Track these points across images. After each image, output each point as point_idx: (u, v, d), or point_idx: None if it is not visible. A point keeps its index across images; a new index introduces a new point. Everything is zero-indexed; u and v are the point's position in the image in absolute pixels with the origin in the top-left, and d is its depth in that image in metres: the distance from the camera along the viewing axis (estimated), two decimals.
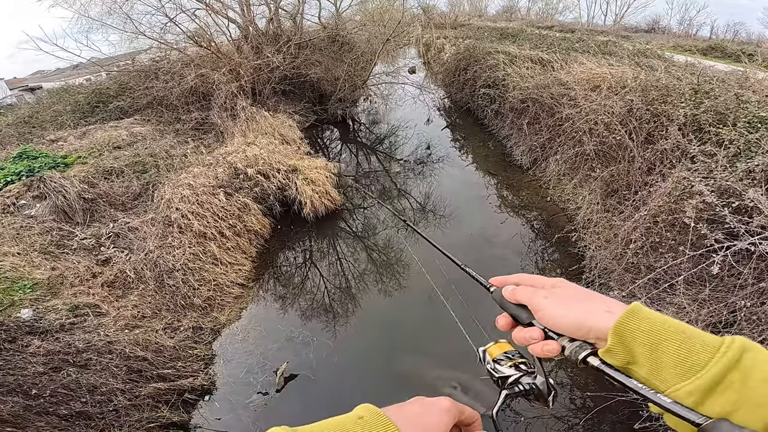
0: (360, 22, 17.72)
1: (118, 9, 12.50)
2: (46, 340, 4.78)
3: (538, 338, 0.69)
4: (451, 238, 7.82)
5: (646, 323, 0.58)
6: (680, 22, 42.36)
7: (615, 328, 0.59)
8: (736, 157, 5.00)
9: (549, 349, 0.67)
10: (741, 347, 0.52)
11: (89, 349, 4.77)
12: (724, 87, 6.15)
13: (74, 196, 7.28)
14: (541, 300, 0.70)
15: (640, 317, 0.59)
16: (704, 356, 0.53)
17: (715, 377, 0.51)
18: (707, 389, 0.51)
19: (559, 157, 8.66)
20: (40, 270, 5.91)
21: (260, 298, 6.67)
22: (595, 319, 0.63)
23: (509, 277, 0.81)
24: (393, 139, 13.87)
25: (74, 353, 4.69)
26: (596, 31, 30.55)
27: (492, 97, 12.32)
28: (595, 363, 0.61)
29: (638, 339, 0.58)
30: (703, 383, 0.51)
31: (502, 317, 0.77)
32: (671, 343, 0.55)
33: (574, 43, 14.26)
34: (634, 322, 0.59)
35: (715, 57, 17.87)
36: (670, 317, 0.59)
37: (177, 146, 10.02)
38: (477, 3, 58.72)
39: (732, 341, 0.53)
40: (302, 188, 8.34)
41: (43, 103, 14.35)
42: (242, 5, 14.90)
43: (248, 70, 12.93)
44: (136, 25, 12.57)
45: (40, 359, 4.50)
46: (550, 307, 0.68)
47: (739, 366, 0.51)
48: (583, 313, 0.65)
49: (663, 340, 0.56)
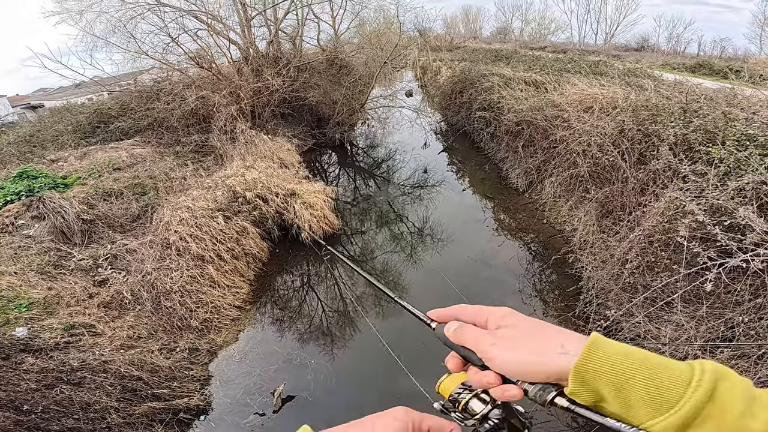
0: (358, 45, 18.04)
1: (122, 27, 12.79)
2: (40, 358, 4.79)
3: (496, 383, 0.63)
4: (448, 261, 7.85)
5: (607, 361, 0.53)
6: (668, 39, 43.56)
7: (575, 372, 0.55)
8: (727, 176, 5.07)
9: (510, 395, 0.62)
10: (713, 378, 0.49)
11: (83, 368, 4.77)
12: (712, 105, 6.25)
13: (73, 217, 7.31)
14: (488, 348, 0.64)
15: (600, 356, 0.54)
16: (675, 392, 0.49)
17: (690, 413, 0.48)
18: (683, 425, 0.48)
19: (554, 179, 8.74)
20: (37, 290, 5.93)
21: (258, 321, 6.67)
22: (550, 362, 0.58)
23: (448, 311, 0.75)
24: (390, 163, 14.00)
25: (68, 371, 4.69)
26: (588, 50, 31.27)
27: (487, 120, 12.46)
28: (563, 404, 0.57)
29: (602, 379, 0.53)
30: (677, 420, 0.48)
31: (451, 358, 0.71)
32: (637, 381, 0.51)
33: (566, 63, 14.56)
34: (594, 363, 0.54)
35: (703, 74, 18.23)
36: (632, 347, 0.55)
37: (176, 169, 10.10)
38: (472, 25, 60.15)
39: (702, 372, 0.50)
40: (300, 212, 8.39)
41: (45, 122, 14.45)
42: (243, 27, 15.17)
43: (248, 93, 13.09)
44: (139, 45, 12.84)
45: (33, 376, 4.50)
46: (501, 355, 0.62)
47: (715, 399, 0.48)
48: (536, 357, 0.59)
49: (628, 378, 0.52)
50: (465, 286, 6.92)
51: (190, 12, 13.66)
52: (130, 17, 12.94)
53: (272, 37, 15.76)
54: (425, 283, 7.31)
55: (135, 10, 13.05)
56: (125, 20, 12.80)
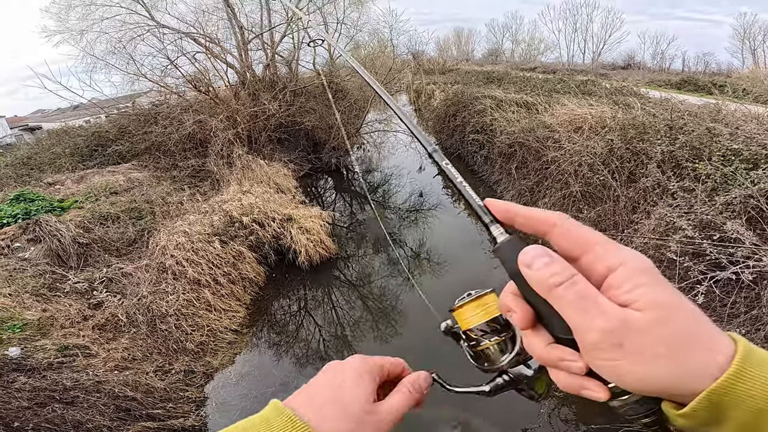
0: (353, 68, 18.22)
1: (122, 48, 13.17)
2: (32, 377, 4.80)
3: (579, 372, 0.44)
4: (445, 284, 7.87)
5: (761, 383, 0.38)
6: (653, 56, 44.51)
7: (711, 394, 0.38)
8: (715, 191, 5.17)
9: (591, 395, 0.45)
10: None
11: (77, 387, 4.78)
12: (697, 121, 6.40)
13: (69, 241, 7.35)
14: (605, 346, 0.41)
15: (753, 376, 0.38)
16: None
17: None
18: None
19: (548, 200, 8.82)
20: (31, 311, 5.95)
21: (254, 344, 6.66)
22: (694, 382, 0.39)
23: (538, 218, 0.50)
24: (386, 187, 14.08)
25: (61, 390, 4.69)
26: (576, 70, 31.90)
27: (481, 143, 12.58)
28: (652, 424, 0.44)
29: (743, 404, 0.38)
30: None
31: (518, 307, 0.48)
32: None
33: (555, 84, 14.82)
34: (744, 384, 0.38)
35: (687, 90, 18.60)
36: None
37: (173, 193, 10.17)
38: (464, 47, 61.31)
39: None
40: (297, 237, 8.43)
41: (43, 144, 14.53)
42: (240, 50, 15.45)
43: (245, 117, 13.19)
44: (138, 67, 13.13)
45: (25, 394, 4.50)
46: (623, 365, 0.40)
47: None
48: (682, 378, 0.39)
49: None
50: None
51: (188, 34, 14.02)
52: (129, 38, 13.36)
53: (269, 61, 16.00)
54: (422, 309, 7.31)
55: (135, 31, 13.50)
56: (125, 41, 13.19)
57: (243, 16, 15.81)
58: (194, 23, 14.32)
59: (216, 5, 15.32)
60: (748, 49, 35.69)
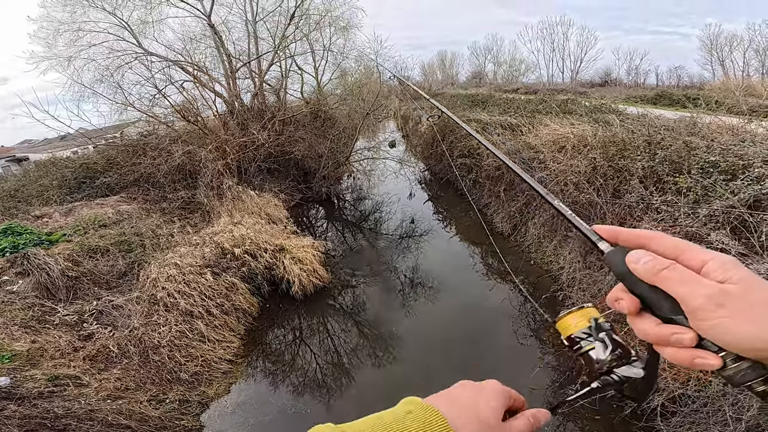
0: (341, 96, 18.35)
1: (109, 76, 12.99)
2: (22, 405, 4.78)
3: (689, 344, 0.50)
4: (440, 308, 7.91)
5: None
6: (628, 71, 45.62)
7: None
8: (697, 203, 5.29)
9: (704, 364, 0.50)
10: None
11: (69, 415, 4.76)
12: (674, 136, 6.55)
13: (58, 274, 7.31)
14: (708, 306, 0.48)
15: None
16: None
17: None
18: None
19: (537, 221, 8.94)
20: (20, 342, 5.93)
21: (250, 374, 6.64)
22: None
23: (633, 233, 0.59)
24: (378, 215, 14.12)
25: (52, 418, 4.68)
26: (557, 89, 32.54)
27: (469, 167, 12.72)
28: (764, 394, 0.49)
29: None
30: None
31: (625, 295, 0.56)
32: None
33: (537, 105, 15.07)
34: None
35: (663, 105, 19.01)
36: None
37: (163, 225, 10.12)
38: (448, 71, 62.39)
39: None
40: (290, 267, 8.44)
41: (30, 176, 14.22)
42: (228, 79, 15.46)
43: (234, 148, 13.13)
44: (126, 95, 12.92)
45: (15, 422, 4.48)
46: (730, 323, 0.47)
47: None
48: None
49: None
50: (461, 333, 6.98)
51: (176, 62, 13.98)
52: (117, 66, 13.23)
53: (257, 89, 16.06)
54: (419, 334, 7.30)
55: (122, 58, 13.40)
56: (113, 69, 13.05)
57: (230, 44, 15.91)
58: (182, 51, 14.32)
59: (203, 33, 15.44)
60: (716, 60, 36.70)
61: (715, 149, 5.76)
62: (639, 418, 4.43)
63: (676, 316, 0.51)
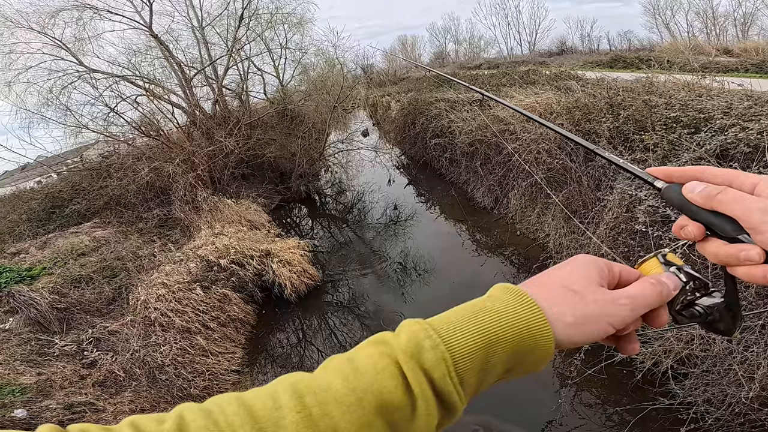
0: (306, 92, 18.01)
1: (54, 99, 12.27)
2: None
3: (758, 260, 0.51)
4: (435, 290, 8.02)
5: None
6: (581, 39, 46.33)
7: None
8: (666, 158, 5.48)
9: None
10: None
11: None
12: (633, 96, 6.72)
13: (46, 307, 7.28)
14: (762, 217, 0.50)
15: None
16: None
17: None
18: None
19: (517, 191, 9.10)
20: (26, 376, 5.95)
21: (260, 381, 6.66)
22: None
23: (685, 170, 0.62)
24: (360, 206, 14.13)
25: None
26: (517, 61, 32.86)
27: (443, 146, 12.82)
28: None
29: None
30: None
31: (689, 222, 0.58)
32: None
33: (501, 78, 15.25)
34: None
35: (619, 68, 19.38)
36: None
37: (143, 246, 9.99)
38: (411, 54, 62.05)
39: None
40: (279, 271, 8.45)
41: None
42: (184, 88, 14.85)
43: (202, 158, 12.66)
44: (77, 118, 12.28)
45: None
46: None
47: None
48: None
49: None
50: None
51: (123, 77, 13.31)
52: (61, 87, 12.53)
53: (216, 96, 15.63)
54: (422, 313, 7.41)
55: (65, 79, 12.66)
56: (56, 90, 12.38)
57: (180, 53, 15.24)
58: (128, 65, 13.59)
59: (148, 44, 14.64)
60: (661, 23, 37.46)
61: (674, 105, 5.95)
62: (652, 383, 4.49)
63: (740, 235, 0.53)
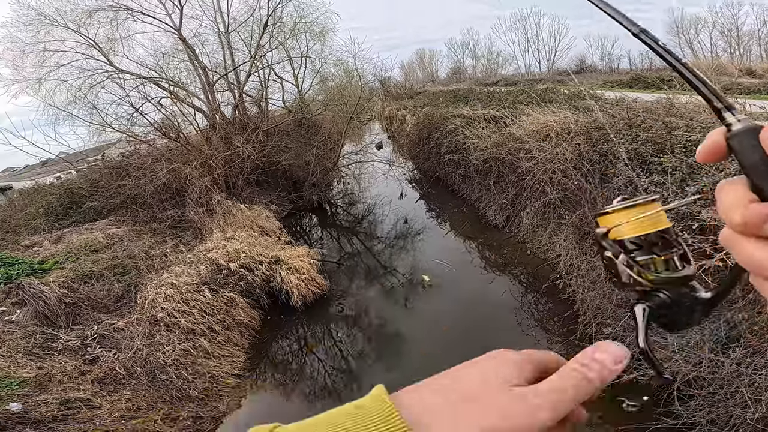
0: (323, 102, 18.18)
1: (83, 97, 12.64)
2: (38, 429, 4.87)
3: None
4: (442, 305, 7.97)
5: None
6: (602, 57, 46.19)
7: None
8: (684, 182, 5.40)
9: None
10: None
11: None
12: (653, 117, 6.66)
13: (55, 302, 7.31)
14: None
15: None
16: None
17: None
18: None
19: (529, 210, 9.00)
20: (26, 369, 5.97)
21: (260, 386, 6.69)
22: None
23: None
24: (371, 218, 14.09)
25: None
26: (535, 79, 32.90)
27: (457, 162, 12.77)
28: None
29: None
30: None
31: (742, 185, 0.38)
32: None
33: (518, 96, 15.20)
34: None
35: (638, 88, 19.25)
36: None
37: (155, 246, 10.07)
38: (428, 68, 62.49)
39: None
40: (287, 278, 8.43)
41: (15, 206, 14.07)
42: (206, 92, 15.16)
43: (219, 162, 12.85)
44: (103, 116, 12.62)
45: None
46: None
47: None
48: None
49: None
50: (464, 329, 6.99)
51: (150, 79, 13.69)
52: (90, 86, 12.91)
53: (237, 102, 15.83)
54: (423, 333, 7.34)
55: (94, 78, 13.08)
56: (85, 89, 12.74)
57: (205, 57, 15.61)
58: (155, 67, 14.02)
59: (176, 47, 15.09)
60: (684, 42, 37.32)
61: (695, 128, 5.88)
62: (656, 403, 4.40)
63: None
